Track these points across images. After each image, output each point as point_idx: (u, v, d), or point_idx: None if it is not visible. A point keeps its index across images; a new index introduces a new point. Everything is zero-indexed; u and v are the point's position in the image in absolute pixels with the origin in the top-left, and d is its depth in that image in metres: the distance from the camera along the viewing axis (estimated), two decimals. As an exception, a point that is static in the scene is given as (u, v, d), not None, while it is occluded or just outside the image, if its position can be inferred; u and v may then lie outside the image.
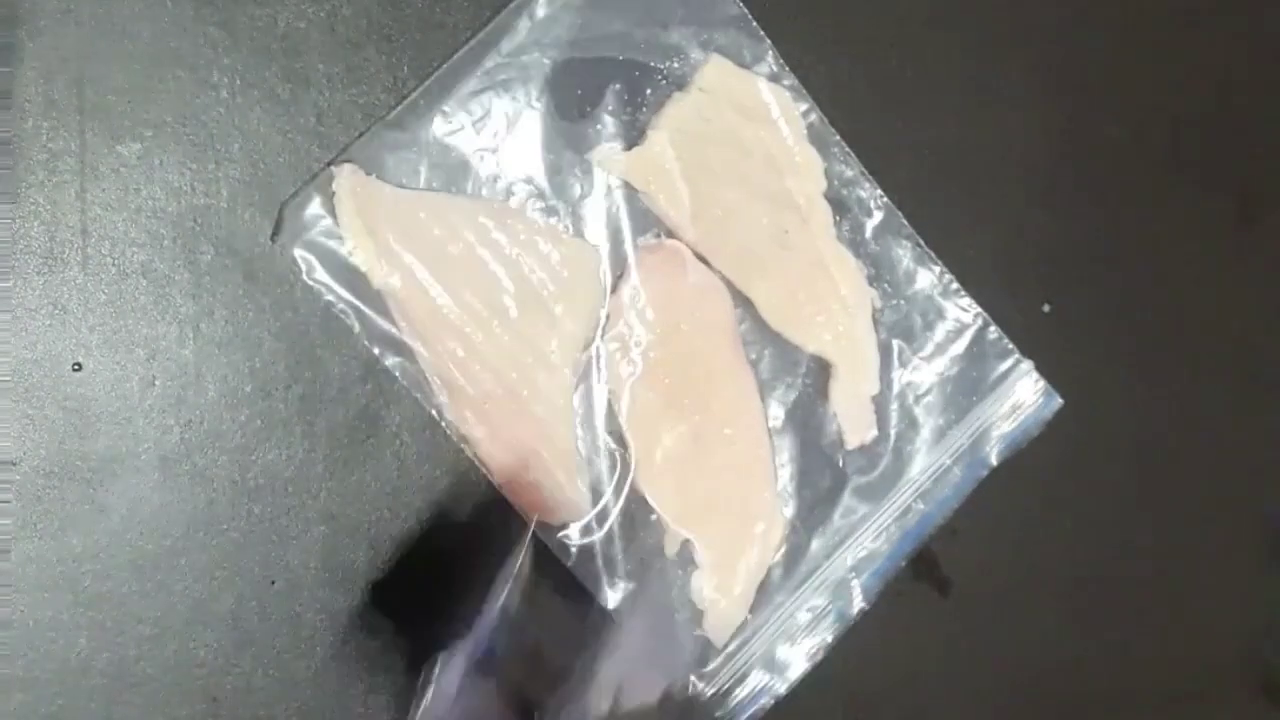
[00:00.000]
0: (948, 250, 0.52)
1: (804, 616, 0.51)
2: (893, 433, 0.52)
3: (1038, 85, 0.54)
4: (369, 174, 0.47)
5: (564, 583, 0.49)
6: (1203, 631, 0.56)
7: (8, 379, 0.45)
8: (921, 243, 0.52)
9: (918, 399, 0.52)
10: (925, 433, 0.52)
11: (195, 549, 0.46)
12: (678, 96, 0.50)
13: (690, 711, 0.49)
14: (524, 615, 0.43)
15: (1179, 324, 0.56)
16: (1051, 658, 0.55)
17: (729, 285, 0.50)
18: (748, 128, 0.50)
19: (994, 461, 0.53)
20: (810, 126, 0.51)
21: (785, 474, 0.51)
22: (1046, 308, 0.54)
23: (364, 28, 0.48)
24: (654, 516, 0.49)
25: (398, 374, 0.47)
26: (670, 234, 0.50)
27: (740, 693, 0.51)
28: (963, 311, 0.53)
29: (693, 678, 0.50)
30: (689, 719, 0.49)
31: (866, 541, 0.52)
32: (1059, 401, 0.53)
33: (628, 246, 0.49)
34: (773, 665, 0.51)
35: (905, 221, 0.52)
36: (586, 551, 0.49)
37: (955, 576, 0.54)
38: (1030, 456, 0.53)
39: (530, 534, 0.46)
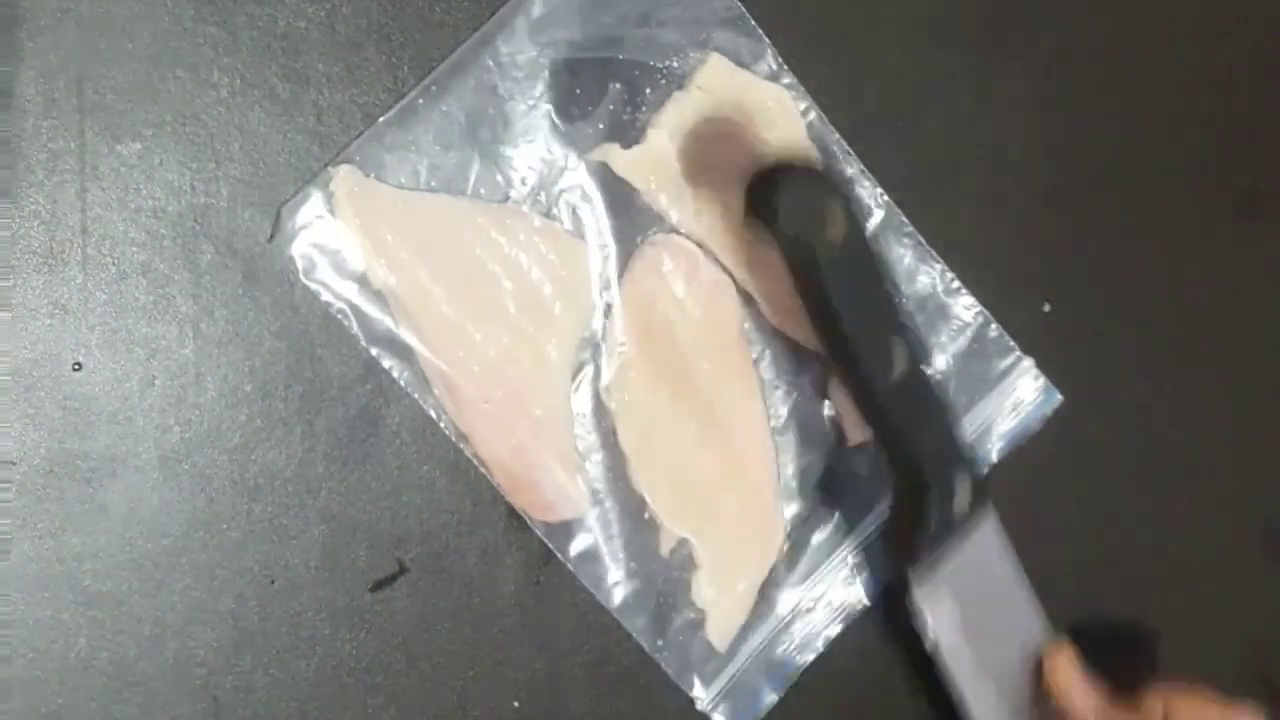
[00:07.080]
0: (948, 249, 0.52)
1: (805, 615, 0.51)
2: (894, 430, 0.52)
3: (1038, 85, 0.54)
4: (368, 174, 0.47)
5: (565, 583, 0.49)
6: (1203, 631, 0.56)
7: (8, 379, 0.45)
8: (922, 241, 0.52)
9: (919, 397, 0.52)
10: (926, 430, 0.52)
11: (195, 549, 0.46)
12: (677, 96, 0.50)
13: None
14: None
15: (1179, 322, 0.56)
16: (1052, 657, 0.55)
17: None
18: (748, 127, 0.50)
19: (995, 458, 0.53)
20: (810, 126, 0.51)
21: (786, 472, 0.51)
22: (1047, 306, 0.54)
23: (364, 28, 0.48)
24: (654, 515, 0.49)
25: (396, 374, 0.47)
26: (672, 232, 0.50)
27: (741, 693, 0.51)
28: (964, 310, 0.53)
29: (695, 679, 0.50)
30: None
31: (867, 540, 0.52)
32: (1059, 398, 0.53)
33: (628, 246, 0.49)
34: (774, 665, 0.51)
35: (905, 220, 0.52)
36: (587, 551, 0.49)
37: (956, 576, 0.54)
38: (1031, 453, 0.53)
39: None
